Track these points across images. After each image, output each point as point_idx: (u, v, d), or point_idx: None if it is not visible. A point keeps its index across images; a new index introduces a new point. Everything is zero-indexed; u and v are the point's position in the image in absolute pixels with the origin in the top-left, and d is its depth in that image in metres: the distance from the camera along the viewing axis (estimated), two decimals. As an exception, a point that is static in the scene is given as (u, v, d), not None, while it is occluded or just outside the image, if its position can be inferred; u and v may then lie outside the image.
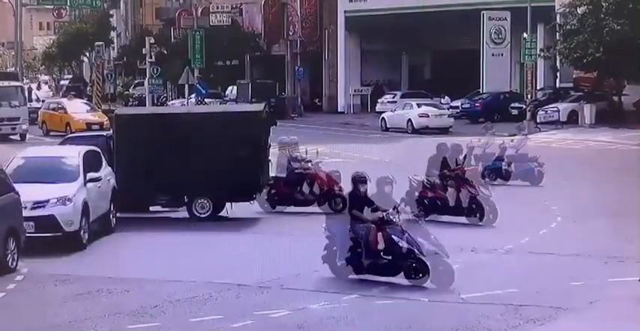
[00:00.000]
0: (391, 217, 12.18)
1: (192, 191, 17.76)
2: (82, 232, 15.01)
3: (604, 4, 38.28)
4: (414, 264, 12.04)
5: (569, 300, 11.57)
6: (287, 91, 55.12)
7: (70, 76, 77.70)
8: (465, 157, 17.54)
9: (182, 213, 18.03)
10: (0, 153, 21.28)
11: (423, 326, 10.74)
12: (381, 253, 12.12)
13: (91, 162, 16.02)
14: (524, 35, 40.28)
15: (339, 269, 12.41)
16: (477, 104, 43.63)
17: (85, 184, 15.41)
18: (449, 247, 14.74)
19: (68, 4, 55.41)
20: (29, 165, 15.75)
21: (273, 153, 18.97)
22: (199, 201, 17.75)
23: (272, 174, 18.60)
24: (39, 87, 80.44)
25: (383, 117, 41.78)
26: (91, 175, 15.61)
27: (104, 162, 16.82)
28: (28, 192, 14.32)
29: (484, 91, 44.53)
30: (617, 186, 21.30)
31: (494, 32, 44.85)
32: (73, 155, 16.05)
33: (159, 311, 11.21)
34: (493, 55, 44.80)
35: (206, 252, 14.88)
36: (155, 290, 12.23)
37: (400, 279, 12.20)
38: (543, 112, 39.58)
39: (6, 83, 39.26)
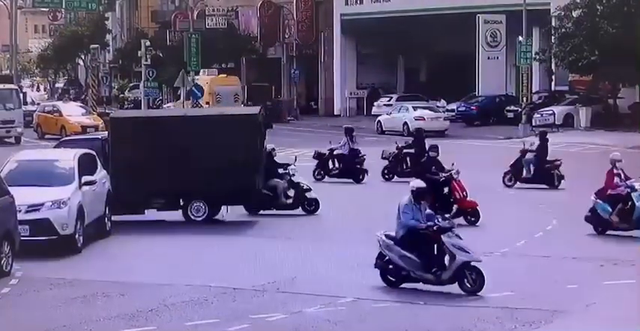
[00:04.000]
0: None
1: (187, 194, 17.73)
2: (77, 235, 14.95)
3: (599, 7, 38.33)
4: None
5: (565, 303, 11.57)
6: (283, 94, 55.10)
7: (66, 79, 77.63)
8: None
9: (178, 216, 18.00)
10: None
11: (419, 330, 10.72)
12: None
13: (86, 166, 15.97)
14: (520, 38, 40.31)
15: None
16: (472, 107, 43.65)
17: (80, 187, 15.36)
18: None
19: (63, 6, 55.33)
20: (24, 169, 15.69)
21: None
22: (195, 204, 17.72)
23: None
24: (38, 89, 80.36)
25: (379, 120, 41.77)
26: (86, 178, 15.56)
27: (99, 166, 16.77)
28: (23, 196, 14.27)
29: (480, 94, 44.54)
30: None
31: (490, 35, 44.87)
32: (67, 158, 16.00)
33: (154, 315, 11.19)
34: (489, 58, 44.81)
35: (201, 256, 14.85)
36: (150, 293, 12.20)
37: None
38: (539, 115, 39.58)
39: (0, 86, 39.21)
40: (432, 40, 47.58)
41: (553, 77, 42.97)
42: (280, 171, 18.70)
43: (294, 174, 18.72)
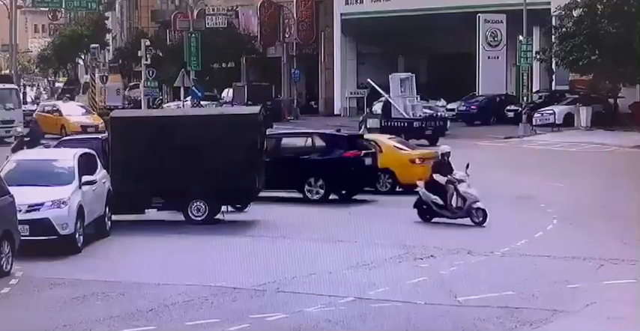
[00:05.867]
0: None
1: (188, 194, 17.72)
2: (77, 235, 14.94)
3: (599, 7, 38.34)
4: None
5: (566, 303, 11.57)
6: (283, 94, 55.08)
7: (66, 79, 77.61)
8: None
9: (178, 216, 17.99)
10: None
11: (419, 329, 10.72)
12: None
13: (86, 165, 15.96)
14: (520, 38, 40.30)
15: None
16: (472, 107, 43.64)
17: (80, 187, 15.35)
18: (445, 250, 14.81)
19: (63, 6, 55.34)
20: (24, 168, 15.69)
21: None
22: (195, 204, 17.71)
23: None
24: (39, 90, 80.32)
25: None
26: (86, 178, 15.55)
27: (99, 165, 16.76)
28: (23, 195, 14.27)
29: (480, 94, 44.53)
30: (613, 188, 21.31)
31: (490, 35, 44.86)
32: (67, 158, 15.99)
33: (154, 315, 11.18)
34: (489, 57, 44.81)
35: (201, 255, 14.84)
36: (150, 293, 12.19)
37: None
38: (539, 115, 39.59)
39: (0, 86, 39.20)
40: (433, 39, 47.58)
41: (553, 77, 42.96)
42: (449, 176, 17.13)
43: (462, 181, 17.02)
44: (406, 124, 34.47)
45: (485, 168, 25.68)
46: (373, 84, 38.70)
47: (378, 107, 37.55)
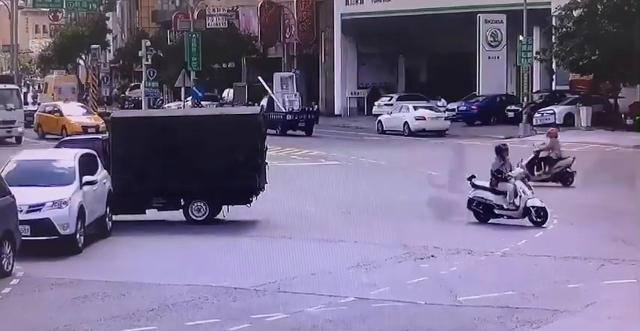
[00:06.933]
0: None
1: (188, 194, 17.75)
2: (77, 236, 14.97)
3: (599, 7, 38.36)
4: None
5: (566, 303, 11.58)
6: (283, 94, 55.07)
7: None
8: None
9: (178, 216, 18.01)
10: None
11: (420, 329, 10.74)
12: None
13: (86, 166, 15.99)
14: (520, 38, 40.31)
15: None
16: (473, 107, 43.68)
17: (80, 187, 15.37)
18: (445, 250, 14.82)
19: (64, 6, 55.41)
20: (24, 168, 15.71)
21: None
22: (196, 204, 17.74)
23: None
24: (36, 90, 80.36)
25: (379, 120, 41.80)
26: (86, 178, 15.58)
27: (100, 166, 16.78)
28: (24, 196, 14.30)
29: (480, 94, 44.56)
30: (613, 188, 21.30)
31: (490, 35, 44.87)
32: (68, 158, 16.02)
33: (155, 315, 11.20)
34: (489, 57, 44.81)
35: (202, 256, 14.87)
36: (151, 293, 12.21)
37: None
38: (539, 115, 39.61)
39: (1, 86, 39.24)
40: (433, 39, 47.61)
41: (554, 77, 42.98)
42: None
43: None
44: (282, 117, 39.05)
45: (485, 167, 25.67)
46: (262, 82, 43.06)
47: (264, 102, 40.48)
